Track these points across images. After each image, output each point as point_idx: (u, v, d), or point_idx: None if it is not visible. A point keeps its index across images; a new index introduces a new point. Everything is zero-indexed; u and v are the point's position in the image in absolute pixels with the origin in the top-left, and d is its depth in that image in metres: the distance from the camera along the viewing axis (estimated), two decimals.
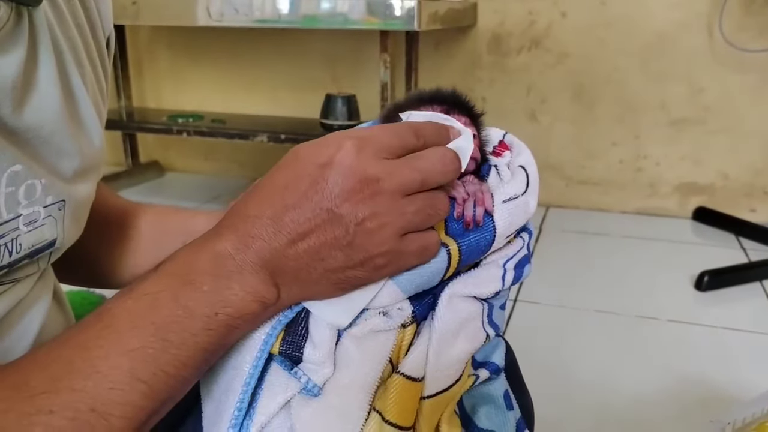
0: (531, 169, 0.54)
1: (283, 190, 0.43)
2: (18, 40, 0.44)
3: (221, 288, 0.41)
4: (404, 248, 0.44)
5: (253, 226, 0.42)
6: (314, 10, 1.76)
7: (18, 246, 0.45)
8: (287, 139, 2.02)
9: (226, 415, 0.45)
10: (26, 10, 0.45)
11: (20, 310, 0.48)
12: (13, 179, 0.43)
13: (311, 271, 0.43)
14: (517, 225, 0.50)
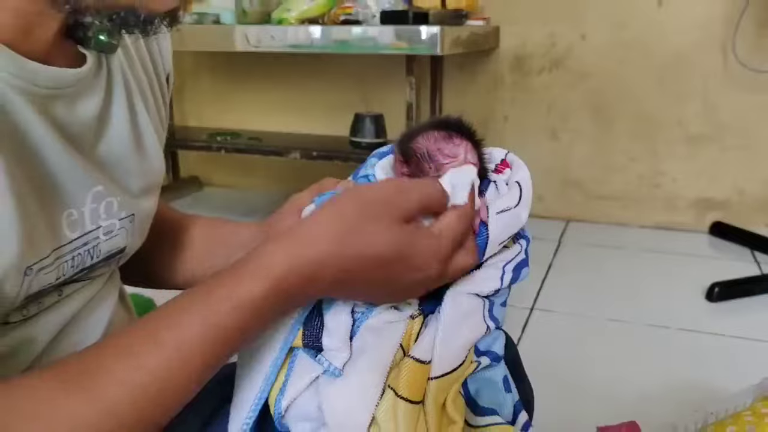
0: (525, 185, 0.61)
1: (376, 264, 0.49)
2: (98, 84, 0.54)
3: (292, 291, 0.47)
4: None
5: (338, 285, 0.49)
6: (345, 36, 1.86)
7: (98, 252, 0.54)
8: (319, 156, 2.12)
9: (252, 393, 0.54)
10: (105, 57, 0.55)
11: (94, 303, 0.58)
12: (95, 197, 0.52)
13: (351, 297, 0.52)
14: (509, 233, 0.58)
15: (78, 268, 0.52)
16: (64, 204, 0.50)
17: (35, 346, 0.50)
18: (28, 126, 0.46)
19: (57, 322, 0.52)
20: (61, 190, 0.49)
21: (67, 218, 0.50)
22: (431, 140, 0.60)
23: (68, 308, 0.53)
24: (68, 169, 0.49)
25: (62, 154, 0.49)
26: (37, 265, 0.46)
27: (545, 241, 2.15)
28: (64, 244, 0.49)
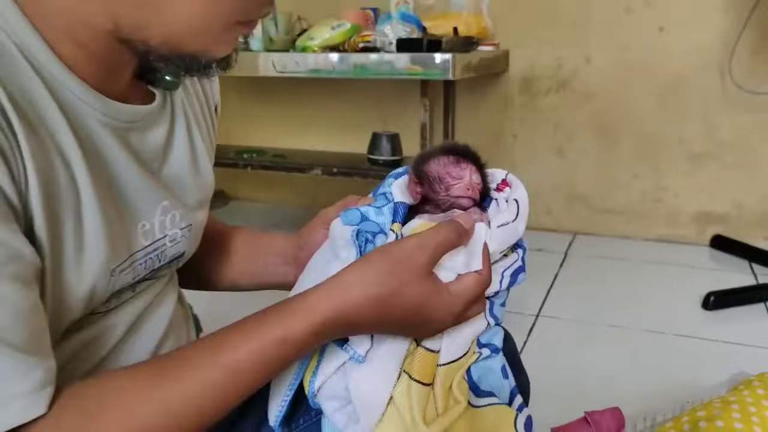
0: (522, 202, 0.70)
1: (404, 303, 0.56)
2: (164, 116, 0.64)
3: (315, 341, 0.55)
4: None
5: (368, 318, 0.56)
6: (363, 60, 1.96)
7: (164, 256, 0.65)
8: (339, 172, 2.22)
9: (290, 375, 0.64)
10: (169, 94, 0.65)
11: (159, 298, 0.68)
12: (163, 211, 0.63)
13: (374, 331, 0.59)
14: (508, 243, 0.67)
15: (149, 269, 0.62)
16: (139, 216, 0.60)
17: (115, 334, 0.61)
18: (110, 152, 0.56)
19: (132, 313, 0.63)
20: (136, 204, 0.59)
21: (141, 228, 0.60)
22: (441, 164, 0.69)
23: (140, 302, 0.64)
24: (141, 188, 0.60)
25: (137, 175, 0.59)
26: (119, 268, 0.57)
27: (552, 253, 2.23)
28: (138, 249, 0.60)
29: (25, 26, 0.48)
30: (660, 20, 2.18)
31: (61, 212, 0.50)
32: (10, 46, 0.48)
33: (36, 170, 0.47)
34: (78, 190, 0.51)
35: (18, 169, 0.46)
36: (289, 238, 0.81)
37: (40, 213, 0.47)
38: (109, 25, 0.50)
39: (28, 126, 0.47)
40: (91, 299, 0.54)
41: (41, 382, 0.45)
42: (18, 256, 0.45)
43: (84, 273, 0.52)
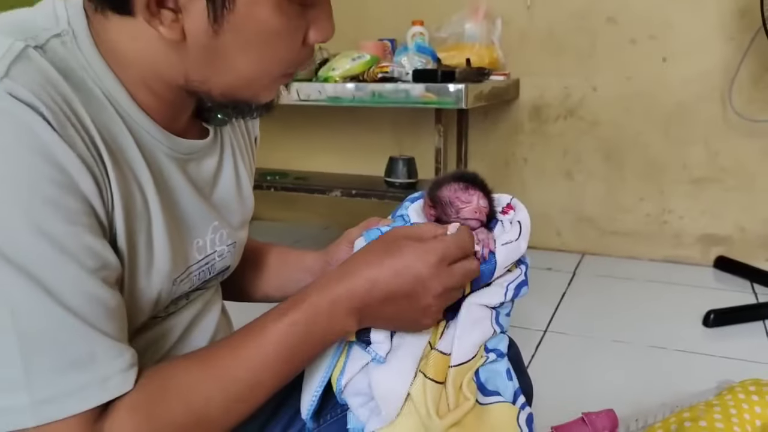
0: (525, 223, 0.78)
1: (381, 272, 0.63)
2: (215, 148, 0.74)
3: (332, 324, 0.63)
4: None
5: (359, 286, 0.63)
6: (381, 89, 2.05)
7: (214, 269, 0.74)
8: (357, 194, 2.30)
9: (319, 373, 0.72)
10: (219, 129, 0.75)
11: (208, 306, 0.77)
12: (213, 230, 0.72)
13: (383, 319, 0.66)
14: (512, 259, 0.75)
15: (201, 280, 0.72)
16: (194, 234, 0.69)
17: (173, 336, 0.70)
18: (173, 180, 0.66)
19: (186, 319, 0.72)
20: (193, 224, 0.69)
21: (196, 245, 0.69)
22: (452, 190, 0.78)
23: (193, 309, 0.73)
24: (197, 210, 0.69)
25: (193, 199, 0.68)
26: (179, 278, 0.66)
27: (561, 272, 2.31)
28: (193, 263, 0.69)
29: (110, 76, 0.58)
30: (663, 51, 2.27)
31: (137, 230, 0.59)
32: (98, 92, 0.57)
33: (119, 194, 0.56)
34: (149, 212, 0.61)
35: (106, 194, 0.55)
36: (317, 255, 0.90)
37: (121, 230, 0.57)
38: (180, 79, 0.60)
39: (113, 158, 0.56)
40: (156, 304, 0.63)
41: (130, 363, 0.54)
42: (107, 264, 0.54)
43: (152, 281, 0.61)
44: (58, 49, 0.55)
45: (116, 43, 0.58)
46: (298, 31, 0.60)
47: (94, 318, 0.52)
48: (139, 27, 0.56)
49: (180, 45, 0.57)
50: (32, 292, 0.49)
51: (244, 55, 0.58)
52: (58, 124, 0.50)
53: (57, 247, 0.49)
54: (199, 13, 0.55)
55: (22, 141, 0.48)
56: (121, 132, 0.59)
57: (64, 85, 0.53)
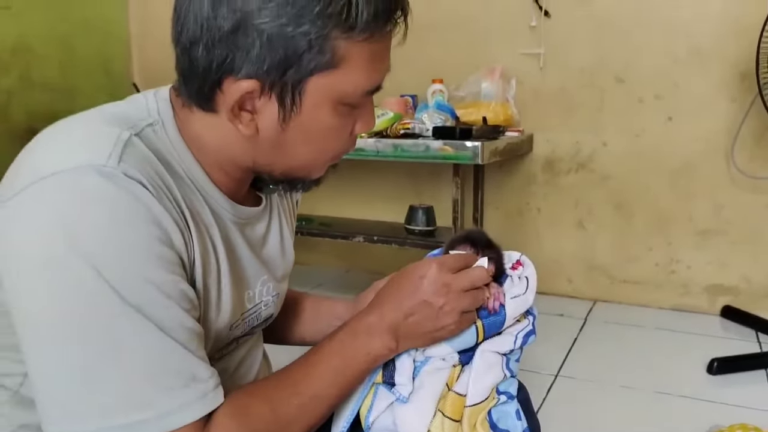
0: (532, 279, 0.87)
1: (399, 291, 0.77)
2: (266, 213, 0.84)
3: (371, 342, 0.75)
4: (462, 320, 0.77)
5: (387, 309, 0.75)
6: (402, 143, 2.17)
7: (260, 317, 0.84)
8: (379, 240, 2.41)
9: (348, 409, 0.81)
10: (270, 196, 0.86)
11: (252, 350, 0.87)
12: (262, 282, 0.82)
13: (415, 332, 0.76)
14: (520, 311, 0.84)
15: (250, 326, 0.82)
16: (247, 286, 0.79)
17: (227, 374, 0.79)
18: (235, 240, 0.76)
19: (235, 360, 0.82)
20: (247, 277, 0.79)
21: (247, 295, 0.80)
22: (462, 249, 0.88)
23: (241, 352, 0.83)
24: (251, 266, 0.79)
25: (248, 256, 0.79)
26: (235, 324, 0.76)
27: (572, 319, 2.37)
28: (245, 311, 0.79)
29: (191, 158, 0.70)
30: (669, 110, 2.37)
31: (210, 283, 0.70)
32: (181, 171, 0.69)
33: (198, 251, 0.67)
34: (219, 267, 0.72)
35: (190, 250, 0.66)
36: (347, 304, 0.99)
37: (200, 282, 0.68)
38: (249, 163, 0.72)
39: (195, 222, 0.68)
40: (215, 347, 0.74)
41: (217, 381, 0.65)
42: (195, 306, 0.66)
43: (217, 325, 0.72)
44: (151, 136, 0.67)
45: (198, 132, 0.70)
46: (348, 125, 0.72)
47: (192, 347, 0.63)
48: (220, 122, 0.68)
49: (253, 138, 0.69)
50: (149, 328, 0.60)
51: (305, 146, 0.70)
52: (157, 195, 0.62)
53: (164, 293, 0.61)
54: (271, 115, 0.67)
55: (136, 210, 0.60)
56: (199, 202, 0.70)
57: (159, 165, 0.65)
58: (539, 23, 2.48)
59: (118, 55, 3.25)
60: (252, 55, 0.63)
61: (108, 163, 0.60)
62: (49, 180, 0.59)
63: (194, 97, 0.68)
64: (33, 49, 2.83)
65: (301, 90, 0.65)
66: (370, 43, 0.65)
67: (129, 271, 0.59)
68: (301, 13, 0.61)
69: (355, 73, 0.66)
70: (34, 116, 2.84)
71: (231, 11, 0.62)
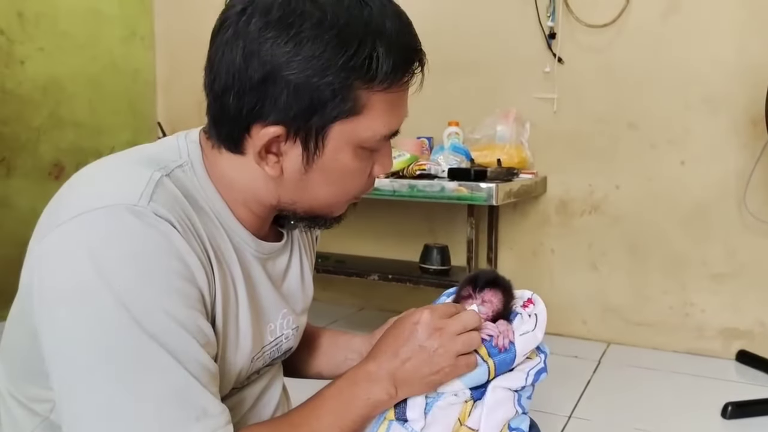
0: (541, 316, 0.90)
1: (395, 339, 0.79)
2: (287, 248, 0.89)
3: (371, 388, 0.76)
4: (457, 363, 0.78)
5: (384, 357, 0.77)
6: (418, 183, 2.21)
7: (280, 350, 0.88)
8: (393, 278, 2.44)
9: None
10: (291, 232, 0.90)
11: (272, 381, 0.90)
12: (282, 316, 0.86)
13: (412, 377, 0.78)
14: (530, 348, 0.87)
15: (271, 358, 0.85)
16: (268, 319, 0.83)
17: (246, 404, 0.83)
18: (256, 275, 0.80)
19: (256, 391, 0.85)
20: (268, 311, 0.83)
21: (269, 328, 0.83)
22: (463, 291, 0.90)
23: (262, 383, 0.86)
24: (271, 299, 0.83)
25: (269, 290, 0.83)
26: (256, 356, 0.80)
27: (586, 360, 2.37)
28: (266, 344, 0.83)
29: (218, 197, 0.75)
30: (681, 155, 2.41)
31: (229, 317, 0.74)
32: (208, 209, 0.74)
33: (220, 288, 0.71)
34: (238, 302, 0.76)
35: (212, 287, 0.70)
36: (363, 338, 1.02)
37: (219, 316, 0.72)
38: (273, 201, 0.77)
39: (217, 259, 0.72)
40: (238, 377, 0.77)
41: (228, 418, 0.68)
42: (210, 341, 0.69)
43: (237, 358, 0.76)
44: (180, 176, 0.72)
45: (225, 172, 0.75)
46: (367, 168, 0.77)
47: (205, 381, 0.66)
48: (247, 163, 0.73)
49: (278, 178, 0.74)
50: (166, 358, 0.63)
51: (326, 187, 0.75)
52: (184, 234, 0.67)
53: (181, 325, 0.64)
54: (296, 157, 0.72)
55: (162, 246, 0.64)
56: (222, 239, 0.75)
57: (186, 204, 0.70)
58: (553, 69, 2.55)
59: (144, 96, 3.36)
60: (280, 103, 0.68)
61: (139, 203, 0.65)
62: (83, 217, 0.64)
63: (224, 140, 0.73)
64: (64, 88, 2.94)
65: (324, 135, 0.70)
66: (388, 93, 0.70)
67: (149, 302, 0.62)
68: (326, 65, 0.66)
69: (375, 120, 0.71)
70: (62, 152, 2.94)
71: (261, 63, 0.67)
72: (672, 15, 2.38)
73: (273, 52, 0.66)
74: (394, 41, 0.69)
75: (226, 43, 0.69)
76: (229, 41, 0.68)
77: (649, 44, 2.42)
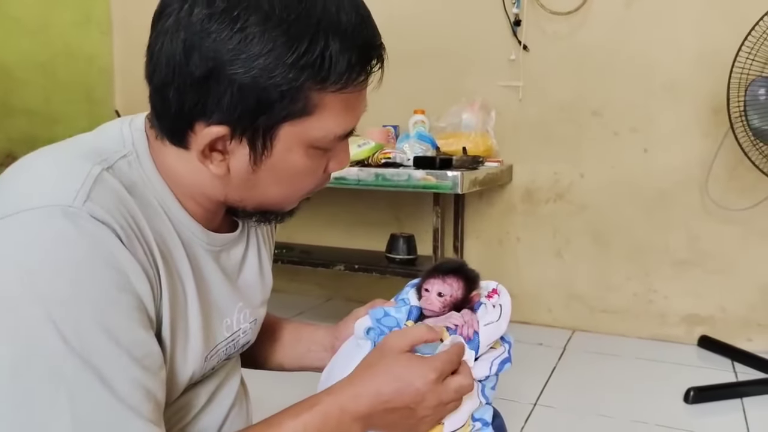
0: (506, 307, 0.89)
1: (385, 382, 0.72)
2: (242, 238, 0.85)
3: (341, 427, 0.70)
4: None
5: (365, 396, 0.71)
6: (383, 172, 2.19)
7: (237, 345, 0.84)
8: (359, 268, 2.42)
9: None
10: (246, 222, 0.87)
11: (229, 376, 0.87)
12: (239, 310, 0.83)
13: (386, 427, 0.73)
14: (494, 338, 0.86)
15: (227, 354, 0.82)
16: (223, 314, 0.80)
17: (198, 403, 0.79)
18: (207, 269, 0.77)
19: (210, 388, 0.82)
20: (222, 306, 0.79)
21: (225, 324, 0.80)
22: (424, 283, 0.88)
23: (217, 378, 0.83)
24: (226, 293, 0.80)
25: (223, 284, 0.79)
26: (209, 354, 0.76)
27: (551, 348, 2.39)
28: (221, 341, 0.80)
29: (165, 189, 0.71)
30: (644, 143, 2.43)
31: (177, 319, 0.70)
32: (155, 202, 0.69)
33: (167, 290, 0.67)
34: (187, 300, 0.72)
35: (157, 292, 0.66)
36: (327, 330, 0.99)
37: (166, 321, 0.68)
38: (221, 197, 0.73)
39: (164, 259, 0.68)
40: (190, 379, 0.74)
41: None
42: (151, 353, 0.64)
43: (188, 361, 0.72)
44: (124, 168, 0.68)
45: (171, 164, 0.71)
46: (320, 166, 0.73)
47: (136, 402, 0.60)
48: (192, 158, 0.68)
49: (224, 177, 0.70)
50: (89, 380, 0.58)
51: (276, 186, 0.72)
52: (126, 238, 0.62)
53: (114, 340, 0.59)
54: (242, 157, 0.67)
55: (97, 254, 0.59)
56: (170, 234, 0.70)
57: (130, 201, 0.65)
58: (518, 57, 2.55)
59: (101, 83, 3.27)
60: (223, 102, 0.63)
61: (74, 203, 0.59)
62: (11, 219, 0.58)
63: (167, 134, 0.69)
64: (13, 75, 2.84)
65: (273, 135, 0.66)
66: (343, 93, 0.66)
67: (78, 317, 0.57)
68: (273, 64, 0.61)
69: (328, 120, 0.67)
70: (14, 142, 2.84)
71: (203, 59, 0.61)
72: (635, 2, 2.39)
73: (216, 48, 0.61)
74: (350, 37, 0.64)
75: (166, 32, 0.63)
76: (170, 31, 0.63)
77: (612, 32, 2.43)
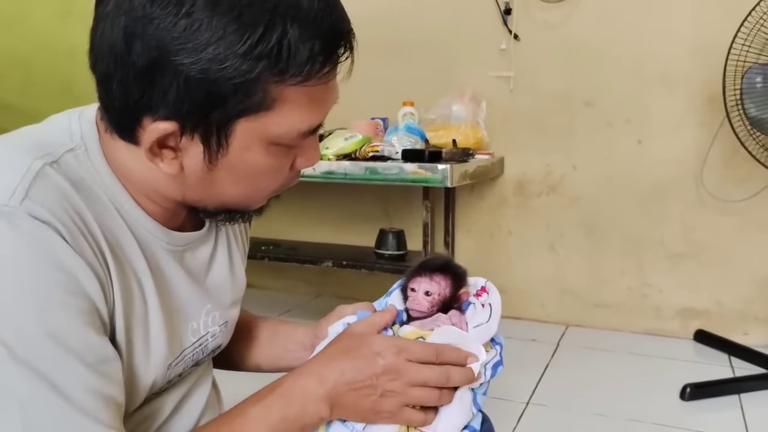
0: (495, 306, 0.83)
1: (347, 358, 0.69)
2: (210, 237, 0.79)
3: (306, 409, 0.67)
4: (401, 413, 0.69)
5: (329, 374, 0.68)
6: (372, 165, 2.13)
7: (206, 349, 0.78)
8: (348, 264, 2.36)
9: None
10: None
11: (199, 382, 0.81)
12: (206, 312, 0.77)
13: (351, 406, 0.68)
14: (483, 340, 0.80)
15: (194, 360, 0.76)
16: (189, 318, 0.74)
17: (164, 412, 0.74)
18: (169, 270, 0.71)
19: (178, 395, 0.76)
20: (187, 309, 0.73)
21: (190, 328, 0.74)
22: (409, 282, 0.83)
23: (185, 385, 0.77)
24: (191, 296, 0.74)
25: (188, 286, 0.73)
26: (173, 362, 0.70)
27: (545, 344, 2.34)
28: (188, 346, 0.73)
29: (116, 185, 0.65)
30: (638, 134, 2.38)
31: (134, 323, 0.64)
32: (105, 198, 0.63)
33: (120, 293, 0.61)
34: (146, 304, 0.66)
35: (109, 293, 0.60)
36: (307, 329, 0.93)
37: (120, 325, 0.62)
38: (178, 197, 0.67)
39: (116, 259, 0.62)
40: (152, 388, 0.68)
41: None
42: (106, 358, 0.59)
43: (149, 368, 0.66)
44: (71, 162, 0.62)
45: (123, 160, 0.65)
46: (285, 163, 0.67)
47: (93, 409, 0.56)
48: (143, 154, 0.62)
49: (178, 175, 0.63)
50: (38, 388, 0.53)
51: (236, 186, 0.65)
52: (70, 237, 0.56)
53: (62, 346, 0.54)
54: (196, 155, 0.61)
55: (38, 255, 0.54)
56: (122, 231, 0.64)
57: (76, 197, 0.59)
58: (509, 46, 2.49)
59: (82, 78, 3.17)
60: (170, 96, 0.57)
61: (10, 202, 0.54)
62: None
63: (115, 128, 0.63)
64: None
65: (228, 132, 0.60)
66: (305, 86, 0.59)
67: (22, 323, 0.53)
68: (224, 55, 0.55)
69: (289, 115, 0.61)
70: None
71: (145, 48, 0.56)
72: None
73: (159, 36, 0.55)
74: (312, 24, 0.57)
75: (106, 17, 0.57)
76: (110, 16, 0.57)
77: (605, 20, 2.37)
